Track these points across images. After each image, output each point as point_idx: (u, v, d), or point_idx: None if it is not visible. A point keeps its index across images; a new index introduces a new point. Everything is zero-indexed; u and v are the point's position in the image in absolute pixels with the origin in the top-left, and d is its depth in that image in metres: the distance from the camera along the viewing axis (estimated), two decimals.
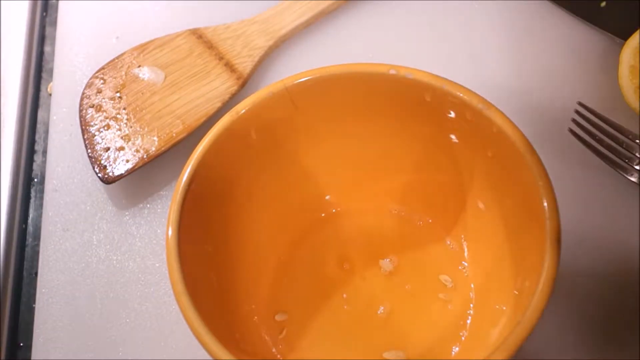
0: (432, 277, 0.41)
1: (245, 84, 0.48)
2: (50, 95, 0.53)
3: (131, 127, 0.46)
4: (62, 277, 0.44)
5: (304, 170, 0.42)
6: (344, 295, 0.41)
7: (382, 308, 0.40)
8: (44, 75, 0.55)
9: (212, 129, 0.37)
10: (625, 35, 0.46)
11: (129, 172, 0.44)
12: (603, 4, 0.49)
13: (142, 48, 0.50)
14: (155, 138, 0.45)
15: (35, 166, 0.51)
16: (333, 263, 0.42)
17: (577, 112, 0.43)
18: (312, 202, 0.43)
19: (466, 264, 0.40)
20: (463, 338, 0.38)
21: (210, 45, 0.49)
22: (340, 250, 0.42)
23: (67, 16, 0.55)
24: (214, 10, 0.53)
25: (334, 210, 0.43)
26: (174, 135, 0.45)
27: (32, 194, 0.50)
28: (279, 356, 0.39)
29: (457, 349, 0.38)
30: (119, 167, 0.44)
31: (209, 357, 0.32)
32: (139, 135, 0.46)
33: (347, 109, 0.40)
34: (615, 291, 0.40)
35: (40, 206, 0.48)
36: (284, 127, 0.40)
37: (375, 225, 0.43)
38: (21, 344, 0.44)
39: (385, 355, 0.38)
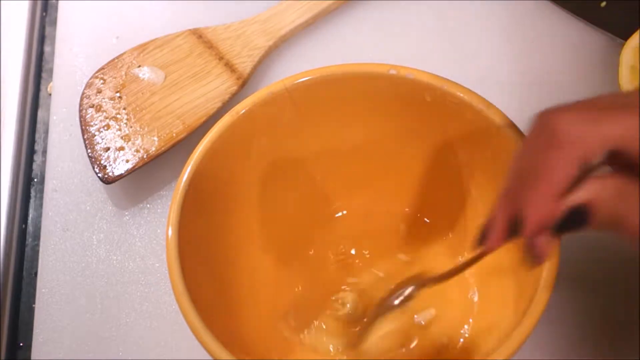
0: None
1: (245, 84, 0.48)
2: (50, 95, 0.53)
3: (131, 127, 0.46)
4: (62, 277, 0.44)
5: (304, 169, 0.42)
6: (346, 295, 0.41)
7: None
8: (44, 75, 0.55)
9: (212, 129, 0.37)
10: (625, 35, 0.46)
11: (129, 172, 0.44)
12: (603, 4, 0.49)
13: (142, 48, 0.50)
14: (155, 138, 0.45)
15: (35, 166, 0.51)
16: (336, 262, 0.42)
17: None
18: (312, 200, 0.43)
19: None
20: (462, 340, 0.38)
21: (210, 45, 0.49)
22: (342, 249, 0.42)
23: (67, 16, 0.55)
24: (214, 10, 0.53)
25: (334, 209, 0.43)
26: (174, 135, 0.45)
27: (32, 194, 0.50)
28: (279, 356, 0.39)
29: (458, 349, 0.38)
30: (119, 167, 0.44)
31: (209, 357, 0.32)
32: (139, 135, 0.46)
33: (347, 109, 0.40)
34: (615, 291, 0.40)
35: (40, 206, 0.48)
36: (284, 127, 0.40)
37: (375, 225, 0.43)
38: (21, 344, 0.44)
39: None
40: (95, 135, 0.46)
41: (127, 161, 0.45)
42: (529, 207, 0.29)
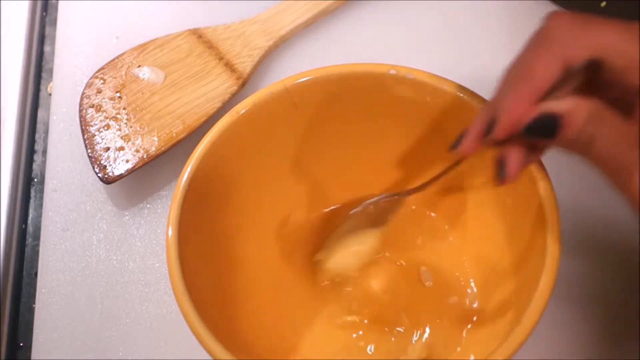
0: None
1: (245, 84, 0.48)
2: (50, 95, 0.53)
3: (131, 127, 0.46)
4: (62, 277, 0.44)
5: (304, 169, 0.42)
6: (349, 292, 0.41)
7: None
8: (44, 75, 0.55)
9: (212, 129, 0.37)
10: None
11: (129, 172, 0.44)
12: (603, 4, 0.49)
13: (142, 48, 0.50)
14: (155, 138, 0.45)
15: (35, 166, 0.51)
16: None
17: None
18: (312, 200, 0.43)
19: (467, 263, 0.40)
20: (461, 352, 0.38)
21: (210, 45, 0.49)
22: None
23: (67, 16, 0.55)
24: (214, 10, 0.53)
25: (334, 208, 0.43)
26: (174, 135, 0.45)
27: (32, 194, 0.50)
28: (279, 356, 0.39)
29: (459, 349, 0.38)
30: (119, 167, 0.44)
31: (209, 357, 0.32)
32: (139, 135, 0.46)
33: (347, 108, 0.40)
34: (615, 291, 0.40)
35: (40, 206, 0.48)
36: (284, 127, 0.40)
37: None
38: (21, 344, 0.44)
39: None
40: (95, 135, 0.46)
41: (127, 161, 0.45)
42: (504, 108, 0.29)
